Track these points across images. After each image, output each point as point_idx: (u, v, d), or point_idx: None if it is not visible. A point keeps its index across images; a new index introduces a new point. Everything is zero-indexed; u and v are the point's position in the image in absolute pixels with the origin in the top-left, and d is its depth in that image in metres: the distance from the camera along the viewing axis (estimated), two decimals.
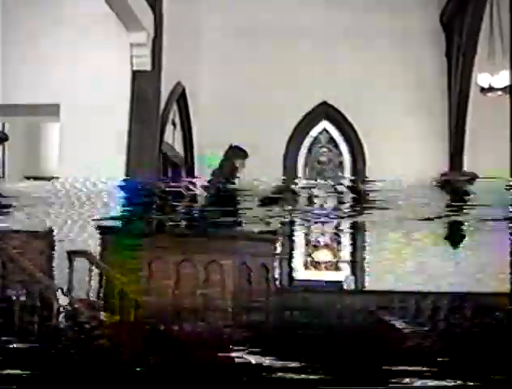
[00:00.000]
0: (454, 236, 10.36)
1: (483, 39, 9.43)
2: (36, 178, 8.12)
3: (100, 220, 6.88)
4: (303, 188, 9.58)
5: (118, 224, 7.20)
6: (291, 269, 10.56)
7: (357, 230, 10.59)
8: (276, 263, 7.61)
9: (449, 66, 10.52)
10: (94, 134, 7.63)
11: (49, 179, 7.96)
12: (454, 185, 10.25)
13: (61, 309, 3.65)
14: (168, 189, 7.31)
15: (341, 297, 9.05)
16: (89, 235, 6.80)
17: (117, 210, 7.08)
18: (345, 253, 10.77)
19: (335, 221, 10.72)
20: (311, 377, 2.73)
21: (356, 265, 10.56)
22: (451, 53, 10.41)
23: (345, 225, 10.78)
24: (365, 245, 10.54)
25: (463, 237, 10.27)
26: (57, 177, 7.77)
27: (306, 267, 10.78)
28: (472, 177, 10.27)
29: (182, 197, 7.36)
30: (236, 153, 7.65)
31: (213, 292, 6.43)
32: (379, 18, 10.36)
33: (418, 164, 10.40)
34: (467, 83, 9.86)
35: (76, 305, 3.95)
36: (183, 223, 8.37)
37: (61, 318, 3.06)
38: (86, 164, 7.51)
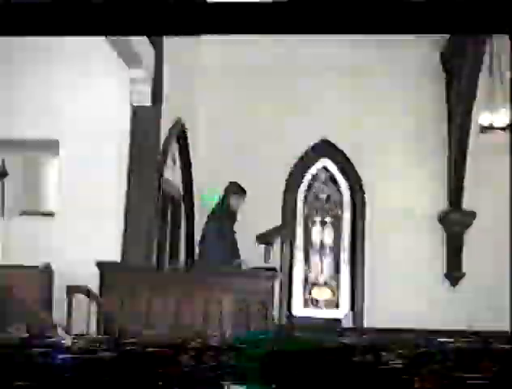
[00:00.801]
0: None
1: (482, 78, 9.49)
2: (32, 214, 8.04)
3: None
4: None
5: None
6: (290, 306, 10.48)
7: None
8: (275, 300, 7.58)
9: (448, 106, 10.55)
10: (93, 170, 7.61)
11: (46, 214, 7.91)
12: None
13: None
14: None
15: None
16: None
17: None
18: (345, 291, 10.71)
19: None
20: None
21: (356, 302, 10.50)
22: (451, 93, 10.46)
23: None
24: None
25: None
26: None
27: (306, 304, 10.70)
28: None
29: None
30: (234, 190, 7.66)
31: (211, 328, 6.41)
32: (379, 57, 10.42)
33: (418, 202, 10.41)
34: (466, 122, 9.89)
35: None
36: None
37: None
38: (85, 199, 7.49)
